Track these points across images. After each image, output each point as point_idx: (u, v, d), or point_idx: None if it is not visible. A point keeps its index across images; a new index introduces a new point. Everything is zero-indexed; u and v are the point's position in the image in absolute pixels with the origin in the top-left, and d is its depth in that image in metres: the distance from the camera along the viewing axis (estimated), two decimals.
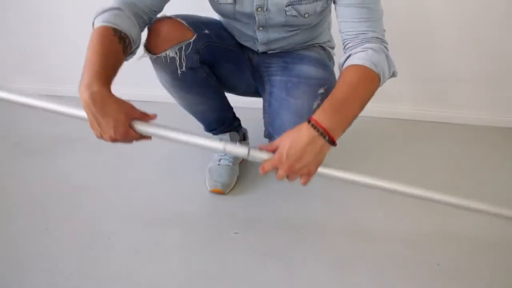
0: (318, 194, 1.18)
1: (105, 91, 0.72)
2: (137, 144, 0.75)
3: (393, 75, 0.89)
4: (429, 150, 1.44)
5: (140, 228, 1.07)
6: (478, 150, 1.43)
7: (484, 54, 1.50)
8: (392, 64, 0.86)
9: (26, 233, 1.05)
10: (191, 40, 0.97)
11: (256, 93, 1.21)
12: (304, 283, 0.90)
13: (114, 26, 0.80)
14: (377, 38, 0.84)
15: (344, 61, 0.85)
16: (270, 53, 1.10)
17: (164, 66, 0.99)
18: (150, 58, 0.99)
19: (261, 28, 1.00)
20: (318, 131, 0.73)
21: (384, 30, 0.87)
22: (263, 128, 1.52)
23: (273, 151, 0.76)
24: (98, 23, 0.80)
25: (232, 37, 1.11)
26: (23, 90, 0.80)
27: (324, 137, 0.73)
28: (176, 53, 0.96)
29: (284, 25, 0.99)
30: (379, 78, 0.81)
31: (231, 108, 1.26)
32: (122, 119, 0.72)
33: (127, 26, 0.82)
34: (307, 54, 1.09)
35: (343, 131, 0.77)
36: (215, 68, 1.08)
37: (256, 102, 1.62)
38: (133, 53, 0.90)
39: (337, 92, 0.77)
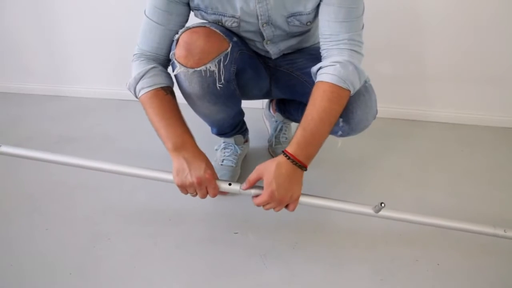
0: (317, 194, 1.18)
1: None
2: (136, 144, 0.76)
3: (365, 82, 0.93)
4: (428, 150, 1.44)
5: (140, 228, 1.07)
6: (477, 150, 1.44)
7: (484, 54, 1.50)
8: (362, 73, 0.87)
9: (26, 233, 1.05)
10: (228, 50, 0.92)
11: (262, 96, 1.20)
12: (304, 283, 0.90)
13: (161, 86, 0.89)
14: (348, 40, 0.85)
15: (316, 71, 0.89)
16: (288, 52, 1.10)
17: (201, 80, 0.91)
18: (184, 73, 0.91)
19: (269, 42, 1.01)
20: (296, 164, 0.82)
21: (362, 29, 0.88)
22: (262, 128, 1.53)
23: (257, 180, 0.86)
24: (145, 89, 0.89)
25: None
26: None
27: (301, 168, 0.83)
28: (215, 65, 0.90)
29: (290, 35, 1.00)
30: (350, 92, 0.86)
31: (243, 113, 1.24)
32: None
33: (167, 80, 0.92)
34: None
35: (314, 156, 0.86)
36: (238, 77, 1.01)
37: (256, 102, 1.63)
38: None
39: (310, 122, 0.83)
